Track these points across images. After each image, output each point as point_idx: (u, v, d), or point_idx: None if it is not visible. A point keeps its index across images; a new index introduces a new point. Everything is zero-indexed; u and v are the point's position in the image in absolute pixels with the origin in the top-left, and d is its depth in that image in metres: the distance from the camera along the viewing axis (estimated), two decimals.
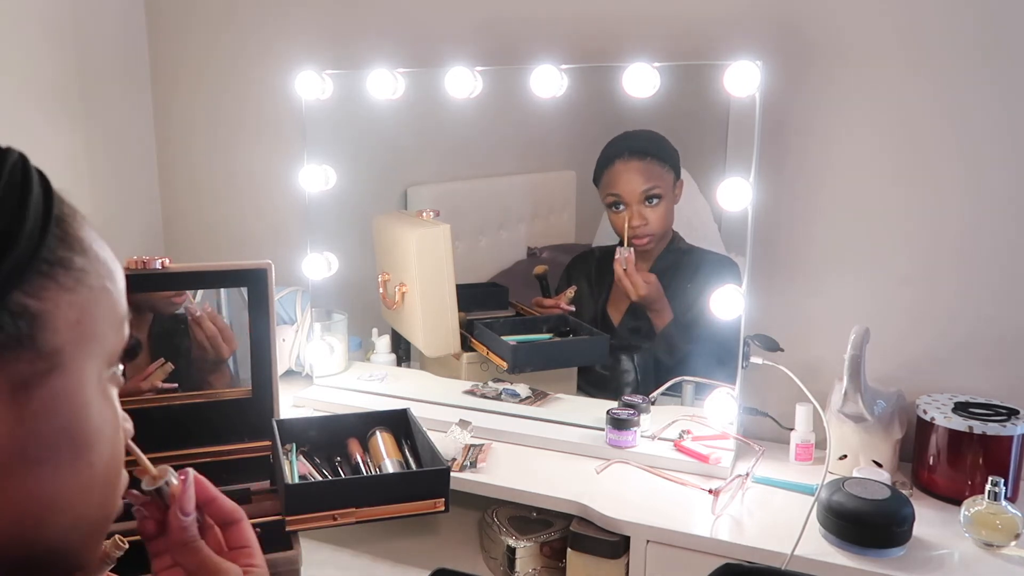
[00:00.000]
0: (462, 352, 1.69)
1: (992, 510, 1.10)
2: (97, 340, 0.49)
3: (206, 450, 1.27)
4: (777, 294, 1.43)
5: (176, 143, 1.96)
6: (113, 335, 0.51)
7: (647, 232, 1.56)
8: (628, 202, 1.56)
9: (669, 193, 1.55)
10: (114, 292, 0.52)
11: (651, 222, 1.55)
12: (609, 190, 1.57)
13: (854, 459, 1.31)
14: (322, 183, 1.71)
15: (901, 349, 1.38)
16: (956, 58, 1.28)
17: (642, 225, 1.55)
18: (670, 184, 1.55)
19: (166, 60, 1.92)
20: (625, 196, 1.56)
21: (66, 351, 0.47)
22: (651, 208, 1.55)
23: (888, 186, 1.35)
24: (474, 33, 1.59)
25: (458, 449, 1.37)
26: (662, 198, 1.54)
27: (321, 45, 1.74)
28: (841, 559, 1.08)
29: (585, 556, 1.21)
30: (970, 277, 1.33)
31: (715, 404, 1.41)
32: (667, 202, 1.55)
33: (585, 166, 1.63)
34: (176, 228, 2.00)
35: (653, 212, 1.55)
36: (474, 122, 1.64)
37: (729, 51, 1.36)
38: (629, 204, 1.55)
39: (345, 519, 1.08)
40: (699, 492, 1.25)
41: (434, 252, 1.61)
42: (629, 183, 1.55)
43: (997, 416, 1.22)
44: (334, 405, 1.60)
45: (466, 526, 1.43)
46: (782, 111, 1.38)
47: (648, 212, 1.55)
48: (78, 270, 0.48)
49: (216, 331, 1.34)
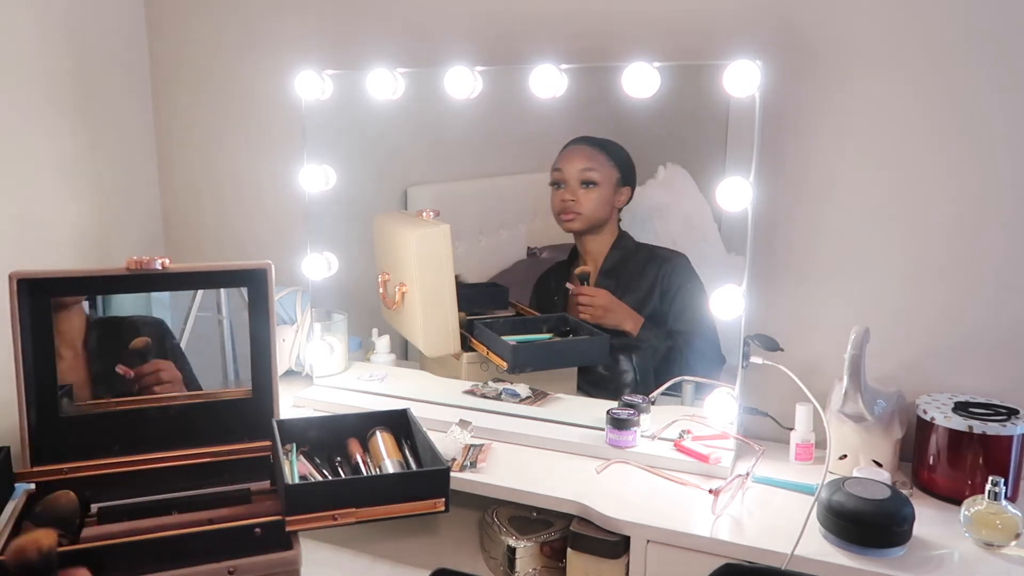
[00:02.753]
0: (462, 352, 1.69)
1: (992, 510, 1.10)
2: None
3: (206, 450, 1.27)
4: (777, 294, 1.43)
5: (176, 143, 1.96)
6: None
7: (576, 210, 1.63)
8: (567, 179, 1.63)
9: (607, 185, 1.61)
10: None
11: (581, 202, 1.63)
12: (554, 166, 1.65)
13: (854, 459, 1.31)
14: (322, 183, 1.71)
15: (901, 349, 1.38)
16: (956, 58, 1.28)
17: (572, 201, 1.63)
18: (610, 179, 1.61)
19: (166, 60, 1.92)
20: (565, 173, 1.63)
21: None
22: (585, 191, 1.62)
23: (888, 186, 1.35)
24: (474, 33, 1.59)
25: (458, 449, 1.37)
26: (597, 185, 1.61)
27: (321, 45, 1.74)
28: (841, 559, 1.08)
29: (585, 556, 1.21)
30: (970, 277, 1.33)
31: (715, 404, 1.41)
32: (602, 192, 1.62)
33: None
34: (176, 228, 2.00)
35: (586, 195, 1.62)
36: (474, 122, 1.64)
37: (729, 51, 1.36)
38: (567, 181, 1.63)
39: (345, 519, 1.08)
40: (699, 492, 1.25)
41: (434, 252, 1.61)
42: (571, 162, 1.63)
43: (997, 416, 1.22)
44: (334, 405, 1.60)
45: (466, 526, 1.43)
46: (782, 111, 1.38)
47: (581, 193, 1.62)
48: None
49: (154, 371, 1.34)
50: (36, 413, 1.21)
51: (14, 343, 1.17)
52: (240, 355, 1.51)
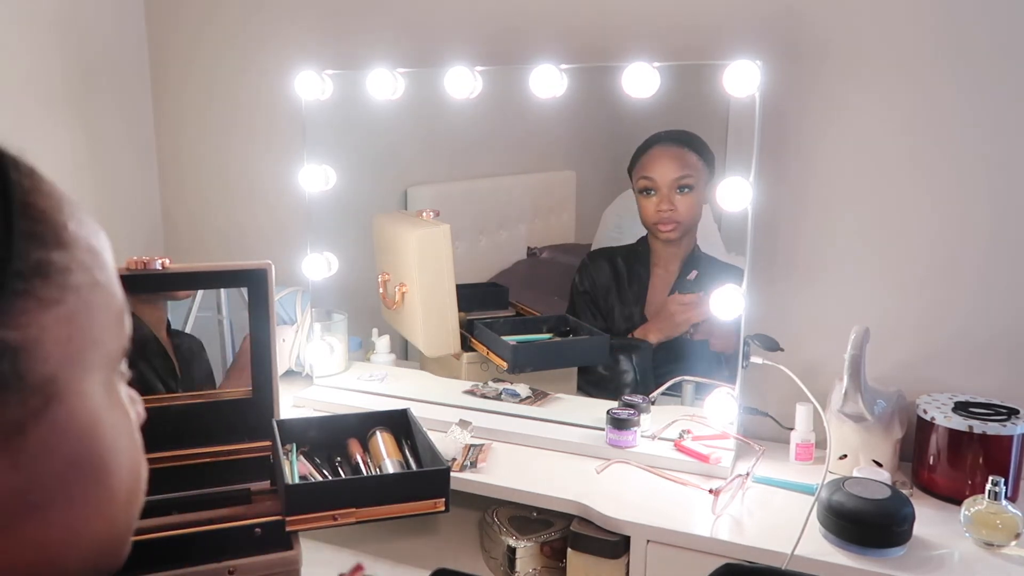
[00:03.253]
0: (462, 352, 1.69)
1: (992, 510, 1.10)
2: (96, 348, 0.41)
3: (206, 450, 1.27)
4: (777, 294, 1.43)
5: (176, 143, 1.96)
6: (114, 336, 0.43)
7: (674, 219, 1.54)
8: (659, 187, 1.54)
9: (701, 187, 1.53)
10: (106, 284, 0.42)
11: (680, 210, 1.53)
12: (642, 173, 1.56)
13: (854, 459, 1.30)
14: (322, 183, 1.71)
15: (901, 349, 1.38)
16: (956, 59, 1.28)
17: (670, 211, 1.54)
18: (703, 178, 1.53)
19: (166, 60, 1.92)
20: (658, 180, 1.54)
21: (60, 377, 0.38)
22: (681, 196, 1.53)
23: (888, 186, 1.35)
24: (474, 33, 1.59)
25: (458, 449, 1.37)
26: (693, 189, 1.53)
27: (321, 45, 1.74)
28: (841, 559, 1.08)
29: (585, 556, 1.21)
30: (970, 277, 1.33)
31: (715, 404, 1.41)
32: (697, 195, 1.54)
33: (585, 166, 1.63)
34: (176, 228, 2.00)
35: (683, 200, 1.53)
36: (474, 122, 1.64)
37: (729, 51, 1.36)
38: (660, 189, 1.54)
39: (345, 519, 1.08)
40: (699, 492, 1.25)
41: (434, 252, 1.61)
42: (663, 167, 1.53)
43: (997, 416, 1.22)
44: (334, 405, 1.60)
45: (466, 526, 1.43)
46: (782, 111, 1.38)
47: (678, 199, 1.53)
48: (60, 272, 0.39)
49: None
50: None
51: None
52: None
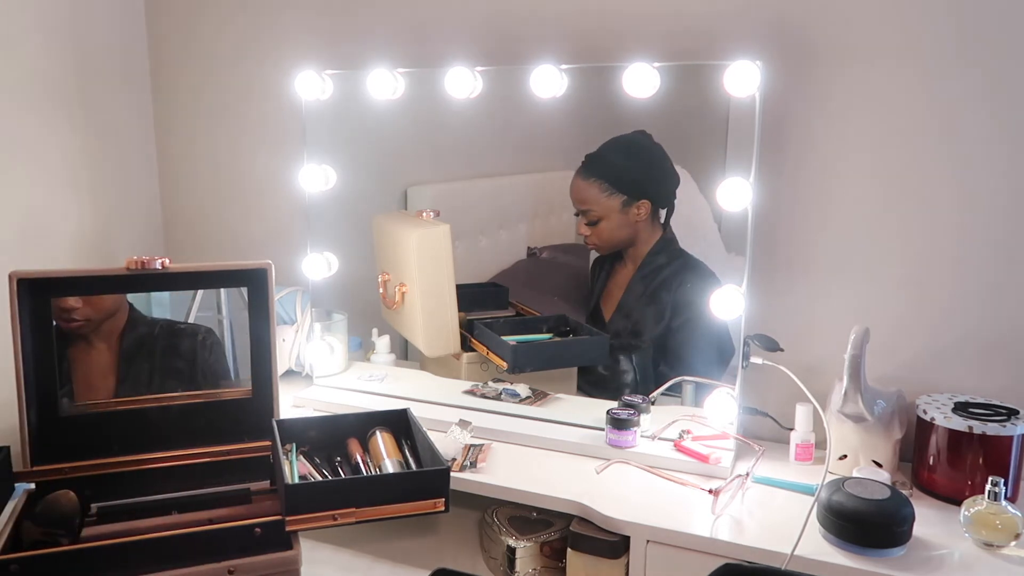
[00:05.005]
0: (462, 352, 1.69)
1: (992, 510, 1.10)
2: None
3: (206, 450, 1.27)
4: (777, 294, 1.43)
5: (176, 143, 1.96)
6: None
7: (591, 242, 1.64)
8: (578, 212, 1.63)
9: (613, 214, 1.59)
10: None
11: (591, 236, 1.62)
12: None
13: (854, 459, 1.31)
14: (322, 183, 1.71)
15: (901, 349, 1.38)
16: (957, 59, 1.28)
17: (586, 236, 1.63)
18: (612, 208, 1.58)
19: (166, 60, 1.92)
20: (576, 206, 1.63)
21: None
22: (593, 226, 1.61)
23: (888, 186, 1.35)
24: (474, 33, 1.59)
25: (458, 449, 1.37)
26: (600, 219, 1.59)
27: (321, 45, 1.74)
28: (841, 559, 1.08)
29: (585, 556, 1.21)
30: (970, 277, 1.33)
31: (715, 404, 1.41)
32: (609, 222, 1.60)
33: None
34: (176, 228, 2.00)
35: (592, 229, 1.61)
36: (474, 122, 1.64)
37: (729, 51, 1.36)
38: (578, 214, 1.63)
39: (345, 519, 1.08)
40: (699, 492, 1.25)
41: (434, 252, 1.61)
42: (574, 196, 1.62)
43: (997, 416, 1.22)
44: (334, 405, 1.60)
45: (466, 526, 1.43)
46: (782, 111, 1.38)
47: (587, 228, 1.62)
48: None
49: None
50: (36, 413, 1.21)
51: (14, 343, 1.17)
52: (240, 355, 1.51)
